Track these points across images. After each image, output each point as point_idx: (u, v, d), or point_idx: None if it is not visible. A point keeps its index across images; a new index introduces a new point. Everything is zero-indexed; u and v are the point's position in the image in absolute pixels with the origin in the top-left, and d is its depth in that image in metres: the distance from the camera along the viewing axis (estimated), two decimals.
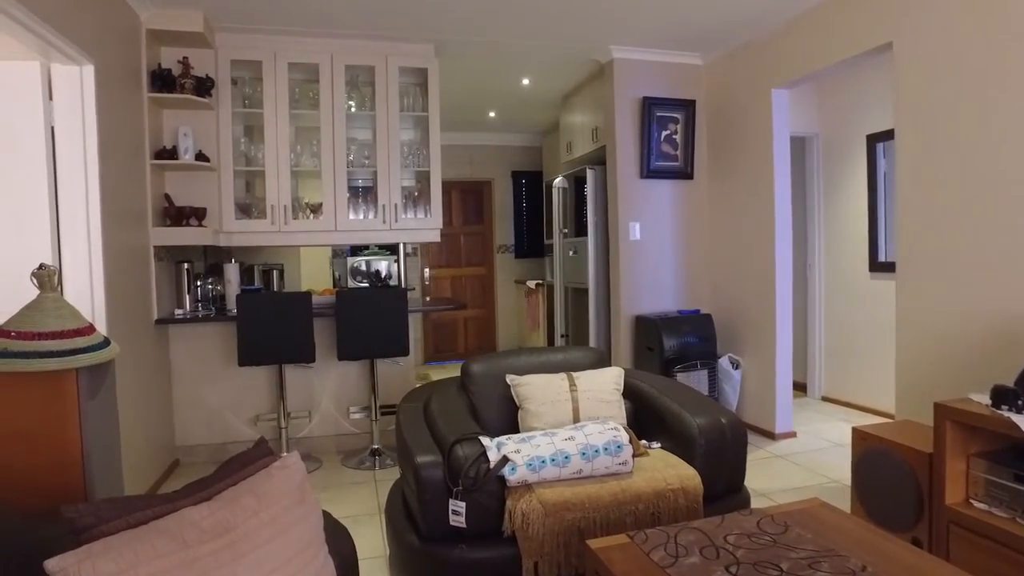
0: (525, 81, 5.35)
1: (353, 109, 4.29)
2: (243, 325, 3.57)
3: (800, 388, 5.07)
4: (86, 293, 2.90)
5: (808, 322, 5.15)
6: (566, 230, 5.46)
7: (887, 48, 3.19)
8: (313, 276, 6.42)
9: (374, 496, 3.42)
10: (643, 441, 2.60)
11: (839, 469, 3.54)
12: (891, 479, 2.53)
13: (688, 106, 4.59)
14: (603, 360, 3.03)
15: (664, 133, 4.58)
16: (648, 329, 4.38)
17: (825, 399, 5.06)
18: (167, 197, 3.84)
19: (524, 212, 7.87)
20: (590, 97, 5.26)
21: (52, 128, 2.87)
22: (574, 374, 2.77)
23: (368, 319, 3.74)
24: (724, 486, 2.41)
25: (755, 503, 2.72)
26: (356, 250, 7.25)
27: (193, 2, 3.57)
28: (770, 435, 4.14)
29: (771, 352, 4.14)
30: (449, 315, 7.70)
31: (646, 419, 2.75)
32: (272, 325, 3.60)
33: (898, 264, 3.15)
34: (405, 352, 3.84)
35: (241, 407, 4.09)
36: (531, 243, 7.83)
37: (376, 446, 4.01)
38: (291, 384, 4.11)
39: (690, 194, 4.72)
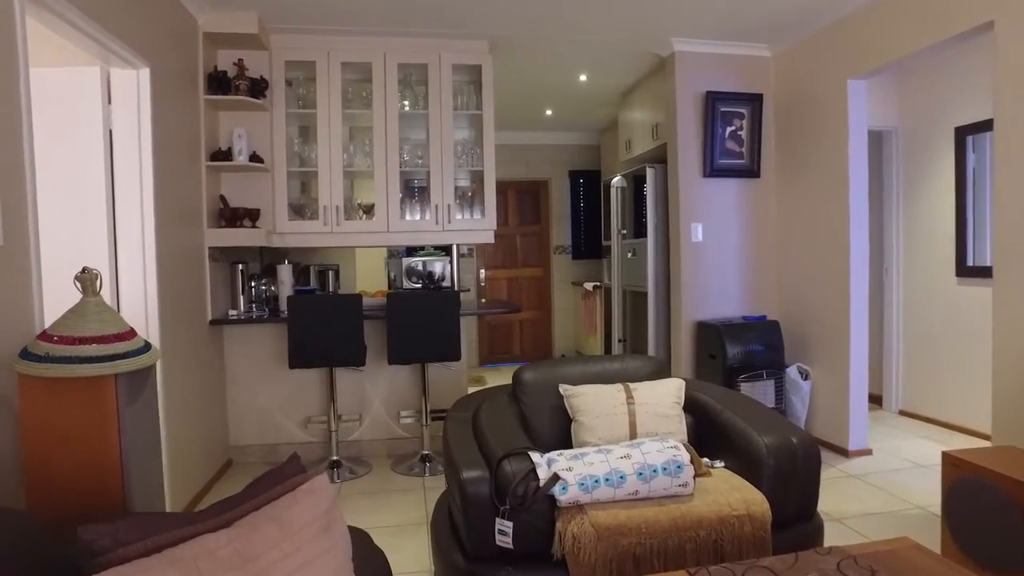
0: (582, 77, 5.19)
1: (407, 108, 4.23)
2: (293, 327, 3.54)
3: (875, 401, 4.73)
4: (139, 294, 2.91)
5: (884, 330, 4.80)
6: (624, 231, 5.27)
7: (986, 28, 2.89)
8: (369, 277, 6.43)
9: (422, 505, 3.33)
10: (705, 459, 2.41)
11: (922, 493, 3.24)
12: (991, 514, 2.26)
13: (755, 100, 4.34)
14: (662, 370, 2.85)
15: (729, 129, 4.34)
16: (710, 336, 4.16)
17: (903, 413, 4.71)
18: (222, 198, 3.86)
19: (581, 212, 7.70)
20: (650, 93, 5.06)
21: (110, 131, 2.89)
22: (631, 385, 2.60)
23: (419, 322, 3.66)
24: (794, 512, 2.21)
25: (828, 530, 2.49)
26: (412, 251, 7.23)
27: (247, 4, 3.57)
28: (843, 452, 3.85)
29: (844, 362, 3.85)
30: (504, 317, 7.60)
31: (709, 435, 2.56)
32: (322, 327, 3.56)
33: (995, 269, 2.85)
34: (456, 356, 3.74)
35: (293, 409, 4.09)
36: (589, 244, 7.65)
37: (426, 452, 3.93)
38: (342, 387, 4.08)
39: (756, 193, 4.46)
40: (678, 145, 4.36)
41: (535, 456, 2.13)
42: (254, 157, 3.88)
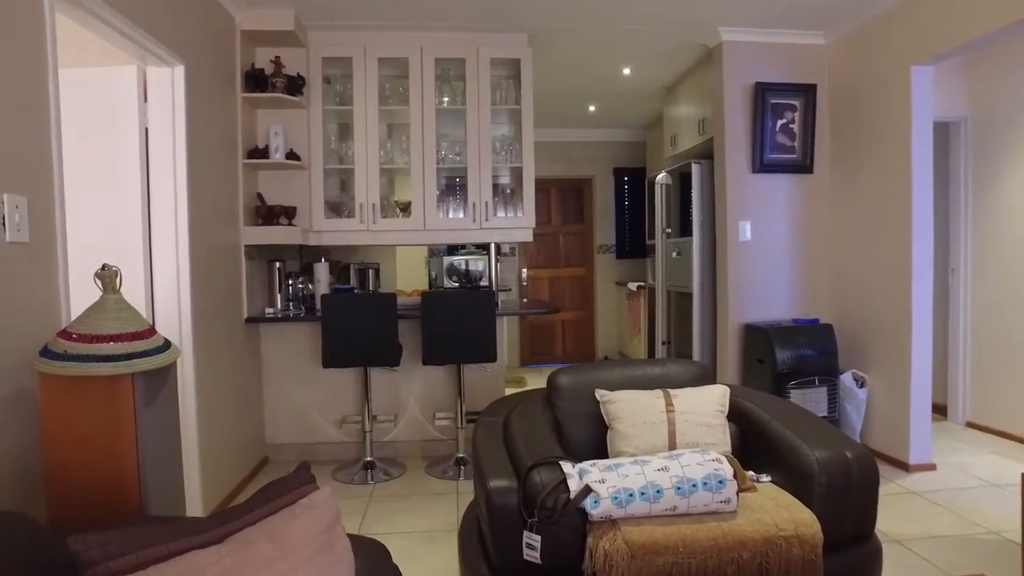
0: (626, 71, 5.03)
1: (444, 104, 4.15)
2: (327, 326, 3.50)
3: (939, 411, 4.43)
4: (172, 291, 2.91)
5: (949, 335, 4.49)
6: (669, 230, 5.09)
7: None
8: (409, 275, 6.41)
9: (454, 510, 3.25)
10: (750, 473, 2.25)
11: (997, 517, 2.97)
12: None
13: (808, 91, 4.11)
14: (706, 376, 2.69)
15: (780, 122, 4.12)
16: (758, 339, 3.95)
17: (971, 425, 4.39)
18: (259, 196, 3.86)
19: (626, 211, 7.51)
20: (696, 86, 4.86)
21: (146, 129, 2.89)
22: (671, 392, 2.45)
23: (453, 322, 3.57)
24: (849, 533, 2.03)
25: (887, 553, 2.29)
26: (453, 249, 7.18)
27: (284, 1, 3.54)
28: (903, 466, 3.59)
29: (905, 368, 3.59)
30: (546, 317, 7.48)
31: (755, 446, 2.39)
32: (356, 326, 3.51)
33: None
34: (492, 358, 3.64)
35: (328, 408, 4.06)
36: (633, 243, 7.46)
37: (461, 455, 3.84)
38: (377, 387, 4.03)
39: (809, 189, 4.22)
40: (726, 140, 4.17)
41: (566, 466, 2.01)
42: (291, 155, 3.86)
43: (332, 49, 3.97)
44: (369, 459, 3.80)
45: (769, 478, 2.22)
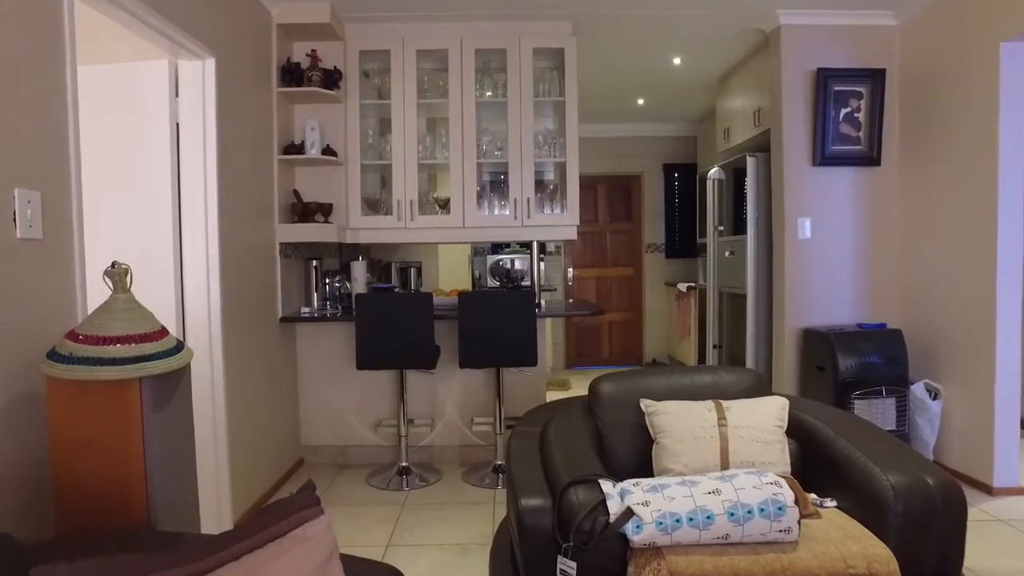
0: (676, 60, 4.78)
1: (487, 96, 4.00)
2: (361, 326, 3.40)
3: None
4: (202, 290, 2.84)
5: None
6: (722, 227, 4.82)
7: None
8: (452, 274, 6.30)
9: (491, 520, 3.09)
10: (812, 495, 2.02)
11: None
12: None
13: (875, 77, 3.79)
14: (762, 386, 2.46)
15: (844, 111, 3.82)
16: (819, 345, 3.67)
17: None
18: (295, 193, 3.78)
19: (676, 208, 7.23)
20: (751, 75, 4.58)
21: (177, 124, 2.83)
22: (724, 403, 2.24)
23: (492, 324, 3.41)
24: (931, 572, 1.78)
25: None
26: (497, 248, 7.04)
27: None
28: (985, 488, 3.25)
29: (988, 379, 3.25)
30: (593, 318, 7.27)
31: (817, 466, 2.16)
32: (390, 327, 3.39)
33: None
34: (532, 362, 3.47)
35: (364, 410, 3.96)
36: (683, 242, 7.18)
37: (499, 462, 3.68)
38: (414, 390, 3.91)
39: (875, 183, 3.91)
40: (784, 131, 3.89)
41: (606, 485, 1.82)
42: (327, 150, 3.77)
43: (369, 42, 3.86)
44: (404, 464, 3.68)
45: (834, 503, 1.99)
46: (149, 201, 2.78)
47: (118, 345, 1.61)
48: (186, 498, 1.82)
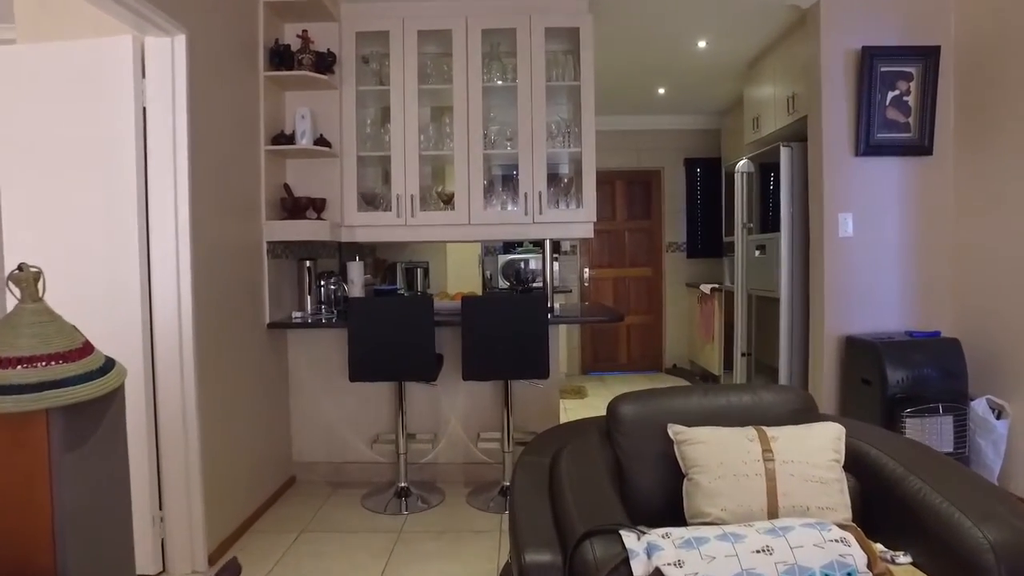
0: (701, 43, 4.41)
1: (497, 81, 3.66)
2: (353, 333, 3.07)
3: None
4: (171, 293, 2.53)
5: None
6: (751, 224, 4.44)
7: None
8: (461, 275, 5.97)
9: (495, 553, 2.75)
10: (879, 547, 1.66)
11: None
12: None
13: (928, 56, 3.40)
14: (809, 408, 2.10)
15: (891, 95, 3.44)
16: (864, 355, 3.29)
17: None
18: (286, 187, 3.47)
19: (698, 205, 6.85)
20: (785, 57, 4.20)
21: (144, 109, 2.52)
22: (769, 431, 1.88)
23: (498, 332, 3.08)
24: None
25: None
26: (509, 246, 6.70)
27: None
28: None
29: None
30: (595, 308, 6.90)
31: (882, 508, 1.80)
32: (387, 334, 3.07)
33: None
34: (544, 374, 3.12)
35: (360, 424, 3.64)
36: (706, 240, 6.80)
37: (507, 483, 3.34)
38: (414, 402, 3.59)
39: (927, 174, 3.51)
40: (823, 118, 3.51)
41: (629, 539, 1.47)
42: (320, 141, 3.46)
43: (366, 22, 3.54)
44: (403, 485, 3.35)
45: (908, 559, 1.63)
46: (112, 194, 2.47)
47: (20, 368, 1.30)
48: (114, 557, 1.49)
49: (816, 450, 1.81)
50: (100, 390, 1.39)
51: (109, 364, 1.44)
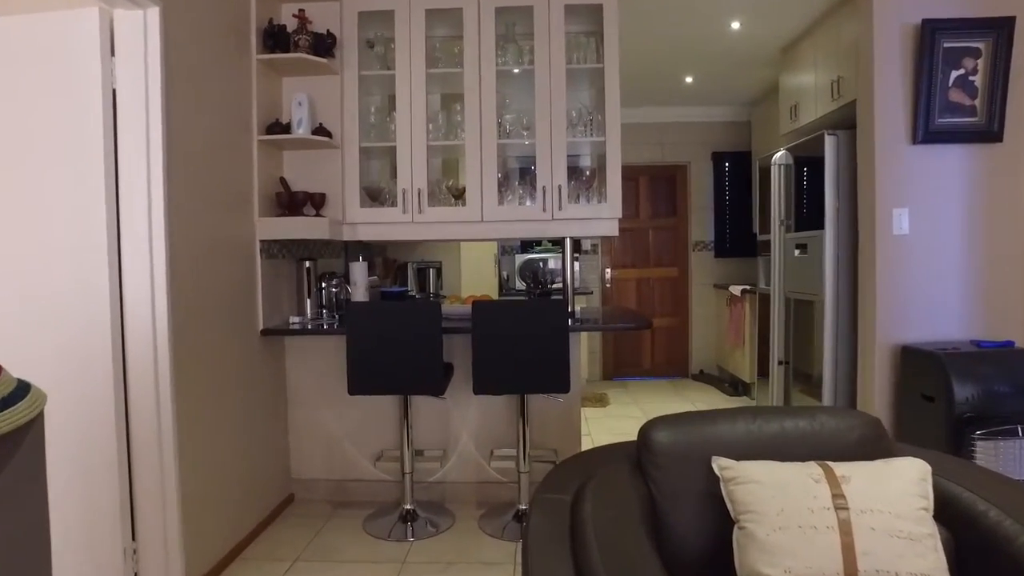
0: (734, 25, 4.06)
1: (510, 65, 3.34)
2: (352, 342, 2.78)
3: None
4: (145, 296, 2.25)
5: None
6: (788, 222, 4.08)
7: None
8: (476, 275, 5.67)
9: None
10: None
11: None
12: None
13: (1000, 28, 3.02)
14: (879, 436, 1.76)
15: (955, 74, 3.07)
16: (924, 367, 2.93)
17: None
18: (282, 181, 3.19)
19: (727, 201, 6.48)
20: (829, 37, 3.84)
21: (114, 91, 2.24)
22: (836, 468, 1.54)
23: (514, 340, 2.76)
24: None
25: None
26: (526, 246, 6.39)
27: None
28: None
29: None
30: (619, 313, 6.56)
31: (983, 567, 1.45)
32: (389, 344, 2.77)
33: None
34: (564, 387, 2.80)
35: (364, 439, 3.35)
36: (735, 239, 6.43)
37: (523, 507, 3.03)
38: (422, 416, 3.29)
39: (996, 163, 3.14)
40: (875, 102, 3.15)
41: None
42: (320, 130, 3.17)
43: (369, 1, 3.24)
44: (409, 507, 3.05)
45: None
46: (78, 184, 2.20)
47: None
48: None
49: (899, 495, 1.47)
50: (11, 423, 1.10)
51: (18, 392, 1.15)
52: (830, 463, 1.58)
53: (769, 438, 1.74)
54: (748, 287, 5.48)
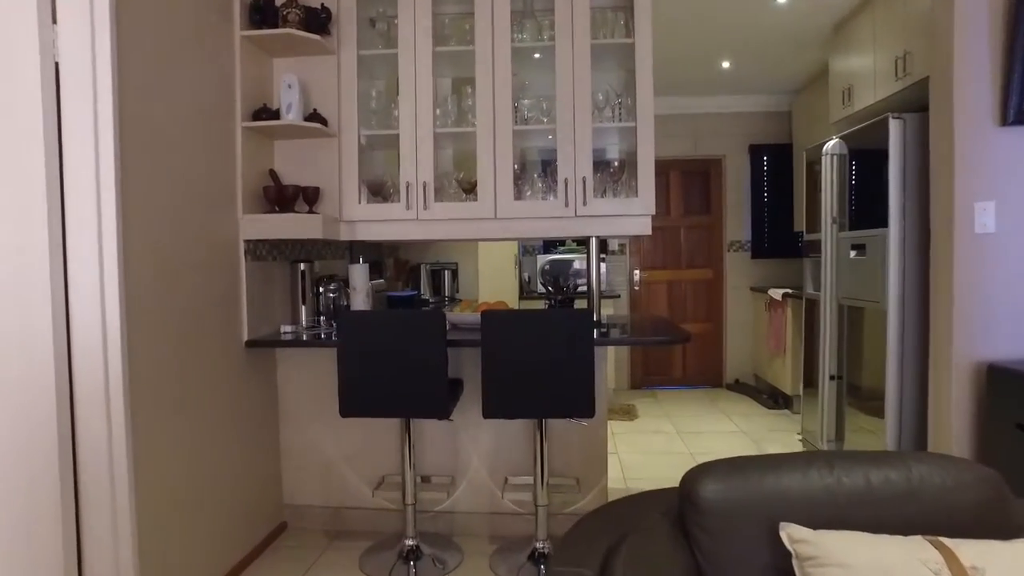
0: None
1: (531, 45, 2.96)
2: (344, 357, 2.42)
3: None
4: (94, 303, 1.91)
5: None
6: (841, 219, 3.63)
7: None
8: (495, 277, 5.31)
9: None
10: None
11: None
12: None
13: None
14: (1001, 498, 1.35)
15: None
16: (1016, 390, 2.47)
17: None
18: (272, 174, 2.84)
19: (765, 198, 6.02)
20: (889, 10, 3.39)
21: (56, 65, 1.91)
22: (959, 551, 1.14)
23: (530, 357, 2.37)
24: None
25: None
26: (549, 246, 6.01)
27: None
28: None
29: None
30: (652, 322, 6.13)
31: None
32: (385, 359, 2.40)
33: None
34: (588, 411, 2.40)
35: (364, 462, 3.00)
36: (774, 238, 5.97)
37: (540, 545, 2.64)
38: (428, 438, 2.93)
39: None
40: (955, 77, 2.69)
41: None
42: (314, 116, 2.82)
43: None
44: (411, 543, 2.68)
45: None
46: (11, 176, 1.87)
47: None
48: None
49: None
50: None
51: None
52: (945, 541, 1.18)
53: (852, 496, 1.35)
54: (790, 290, 5.02)
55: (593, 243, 3.03)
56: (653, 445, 4.33)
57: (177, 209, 2.23)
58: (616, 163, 3.09)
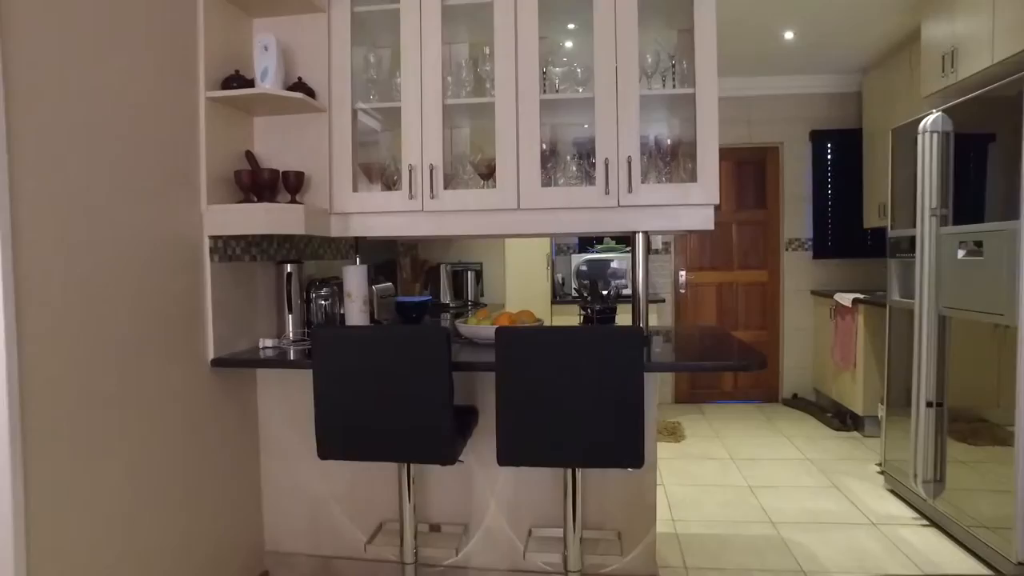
0: None
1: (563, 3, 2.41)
2: (320, 386, 1.90)
3: None
4: None
5: None
6: (944, 211, 2.98)
7: None
8: (525, 279, 4.77)
9: None
10: None
11: None
12: None
13: None
14: None
15: None
16: None
17: None
18: (249, 155, 2.35)
19: (829, 191, 5.35)
20: None
21: None
22: None
23: (559, 388, 1.82)
24: None
25: None
26: (585, 243, 5.43)
27: None
28: None
29: None
30: (713, 335, 5.51)
31: None
32: (373, 388, 1.88)
33: None
34: (636, 460, 1.83)
35: (358, 504, 2.48)
36: (840, 236, 5.30)
37: None
38: (434, 478, 2.40)
39: None
40: None
41: None
42: (299, 86, 2.32)
43: None
44: None
45: None
46: None
47: None
48: None
49: None
50: None
51: None
52: None
53: None
54: (861, 295, 4.37)
55: (639, 240, 2.46)
56: (704, 475, 3.73)
57: (109, 198, 1.75)
58: (669, 141, 2.51)
